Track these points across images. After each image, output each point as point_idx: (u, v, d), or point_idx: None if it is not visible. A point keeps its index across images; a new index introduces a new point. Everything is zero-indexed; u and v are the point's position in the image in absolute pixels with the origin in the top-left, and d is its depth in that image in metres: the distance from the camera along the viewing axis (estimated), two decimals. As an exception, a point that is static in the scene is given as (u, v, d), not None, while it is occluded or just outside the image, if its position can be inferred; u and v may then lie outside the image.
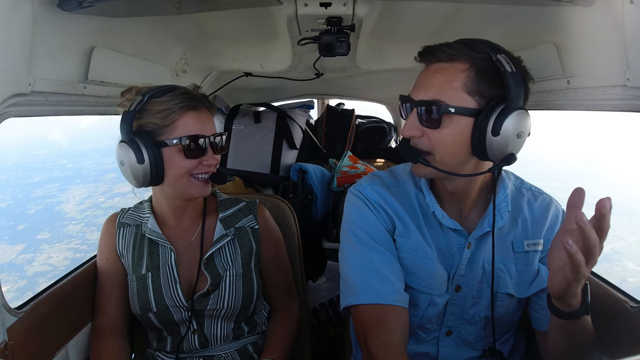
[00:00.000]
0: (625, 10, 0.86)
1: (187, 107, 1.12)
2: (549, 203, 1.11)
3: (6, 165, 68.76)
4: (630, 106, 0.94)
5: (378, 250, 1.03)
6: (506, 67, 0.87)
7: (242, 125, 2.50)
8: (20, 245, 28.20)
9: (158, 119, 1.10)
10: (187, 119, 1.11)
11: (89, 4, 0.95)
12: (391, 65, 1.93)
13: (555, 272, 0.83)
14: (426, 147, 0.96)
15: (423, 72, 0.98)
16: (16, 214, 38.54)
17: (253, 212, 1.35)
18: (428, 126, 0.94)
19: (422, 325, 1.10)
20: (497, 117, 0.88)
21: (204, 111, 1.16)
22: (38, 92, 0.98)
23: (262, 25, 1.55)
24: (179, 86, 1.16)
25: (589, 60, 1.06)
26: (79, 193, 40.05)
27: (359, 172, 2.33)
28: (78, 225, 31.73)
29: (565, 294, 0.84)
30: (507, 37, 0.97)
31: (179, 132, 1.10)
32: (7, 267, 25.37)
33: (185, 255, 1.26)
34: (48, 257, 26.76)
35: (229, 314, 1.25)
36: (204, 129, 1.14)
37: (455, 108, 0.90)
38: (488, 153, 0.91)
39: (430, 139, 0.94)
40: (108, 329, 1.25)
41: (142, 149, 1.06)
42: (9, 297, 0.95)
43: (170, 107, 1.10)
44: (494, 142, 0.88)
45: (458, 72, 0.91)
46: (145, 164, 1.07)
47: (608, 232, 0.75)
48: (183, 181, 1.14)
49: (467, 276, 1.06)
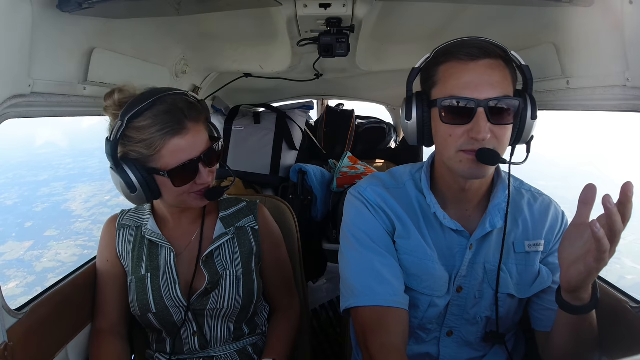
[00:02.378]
0: (624, 11, 0.86)
1: (170, 134, 1.03)
2: (549, 204, 1.11)
3: (11, 164, 68.91)
4: (630, 106, 0.94)
5: (378, 252, 1.03)
6: (520, 60, 0.93)
7: (242, 126, 2.51)
8: (28, 242, 28.28)
9: (142, 149, 1.04)
10: (172, 146, 1.04)
11: (88, 5, 0.95)
12: (391, 66, 1.93)
13: (570, 265, 0.83)
14: (493, 146, 0.92)
15: (472, 70, 0.90)
16: (23, 211, 38.58)
17: (253, 212, 1.35)
18: (498, 123, 0.91)
19: (422, 326, 1.10)
20: (532, 103, 0.95)
21: (190, 130, 1.06)
22: (38, 93, 0.98)
23: (262, 26, 1.55)
24: (161, 94, 1.05)
25: (589, 61, 1.06)
26: (85, 191, 40.11)
27: (359, 173, 2.32)
28: (85, 223, 31.77)
29: (583, 285, 0.83)
30: (506, 38, 0.98)
31: (166, 162, 1.04)
32: (16, 263, 25.52)
33: (185, 255, 1.25)
34: (56, 254, 26.87)
35: (229, 314, 1.25)
36: (192, 150, 1.06)
37: (519, 101, 0.92)
38: (526, 137, 0.98)
39: (497, 136, 0.92)
40: (108, 330, 1.24)
41: (131, 178, 1.03)
42: (18, 292, 0.95)
43: (151, 136, 1.02)
44: (532, 126, 0.96)
45: (503, 68, 0.93)
46: (138, 192, 1.05)
47: (629, 221, 0.76)
48: (181, 198, 1.13)
49: (468, 277, 1.05)
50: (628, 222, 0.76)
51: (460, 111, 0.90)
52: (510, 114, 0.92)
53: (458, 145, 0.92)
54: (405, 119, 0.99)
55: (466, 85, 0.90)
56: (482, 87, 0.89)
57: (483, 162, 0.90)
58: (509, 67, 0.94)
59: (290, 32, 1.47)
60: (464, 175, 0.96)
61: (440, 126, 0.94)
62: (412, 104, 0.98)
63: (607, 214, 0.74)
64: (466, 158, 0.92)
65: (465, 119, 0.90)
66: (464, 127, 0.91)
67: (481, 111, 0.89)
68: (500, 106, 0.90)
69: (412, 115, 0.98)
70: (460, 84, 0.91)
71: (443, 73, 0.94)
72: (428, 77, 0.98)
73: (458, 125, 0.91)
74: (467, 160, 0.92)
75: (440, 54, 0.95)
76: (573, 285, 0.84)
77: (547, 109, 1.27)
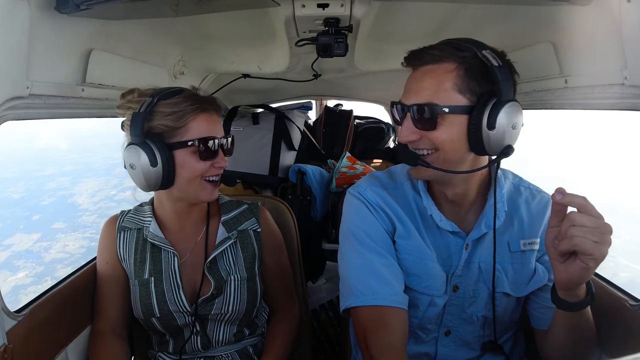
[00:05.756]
0: (622, 9, 0.86)
1: (200, 109, 1.11)
2: (547, 202, 1.10)
3: (17, 158, 68.94)
4: (628, 104, 0.95)
5: (377, 252, 1.03)
6: (493, 61, 0.88)
7: (241, 126, 2.50)
8: (36, 234, 28.79)
9: (170, 121, 1.08)
10: (200, 121, 1.11)
11: (86, 7, 0.94)
12: (389, 65, 1.93)
13: (565, 262, 0.81)
14: (430, 146, 0.95)
15: (412, 77, 0.98)
16: (30, 205, 38.98)
17: (255, 215, 1.34)
18: (423, 128, 0.94)
19: (422, 326, 1.10)
20: (490, 111, 0.88)
21: (214, 113, 1.16)
22: (36, 95, 0.98)
23: (260, 27, 1.55)
24: (185, 88, 1.16)
25: (586, 59, 1.06)
26: (91, 186, 40.49)
27: (358, 173, 2.33)
28: (92, 216, 32.22)
29: (581, 282, 0.83)
30: (504, 37, 0.98)
31: (192, 134, 1.09)
32: (24, 254, 26.10)
33: (188, 260, 1.24)
34: (64, 246, 27.43)
35: (233, 319, 1.25)
36: (215, 130, 1.14)
37: (449, 107, 0.91)
38: (486, 147, 0.91)
39: (431, 139, 0.95)
40: (108, 332, 1.24)
41: (155, 152, 1.04)
42: (28, 282, 0.95)
43: (182, 108, 1.09)
44: (490, 136, 0.89)
45: (447, 73, 0.92)
46: (157, 167, 1.05)
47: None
48: (195, 184, 1.13)
49: (464, 276, 1.06)
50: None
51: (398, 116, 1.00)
52: (435, 120, 0.92)
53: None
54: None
55: (404, 91, 0.99)
56: (408, 93, 0.97)
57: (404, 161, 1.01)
58: (468, 70, 0.91)
59: (288, 32, 1.48)
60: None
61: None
62: None
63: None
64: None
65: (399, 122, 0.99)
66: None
67: (408, 115, 0.95)
68: (420, 111, 0.93)
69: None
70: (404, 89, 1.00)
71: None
72: None
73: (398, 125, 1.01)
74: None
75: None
76: (575, 280, 0.82)
77: (545, 108, 1.27)
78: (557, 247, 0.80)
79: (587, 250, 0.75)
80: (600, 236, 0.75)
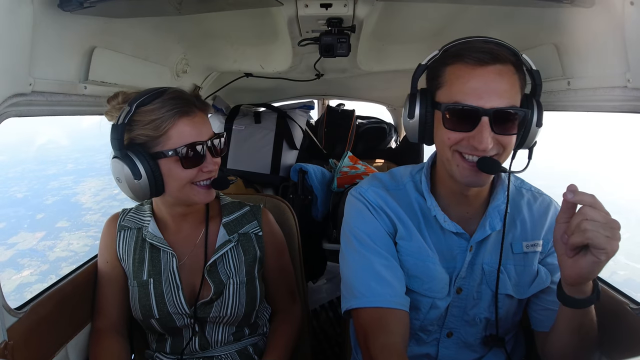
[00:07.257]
0: (625, 12, 0.86)
1: (179, 114, 1.05)
2: (549, 204, 1.11)
3: (20, 157, 69.30)
4: (631, 107, 0.94)
5: (379, 254, 1.03)
6: (531, 65, 0.92)
7: (243, 125, 2.51)
8: (40, 233, 29.12)
9: (150, 130, 1.04)
10: (181, 127, 1.05)
11: (89, 5, 0.95)
12: (391, 66, 1.93)
13: (575, 256, 0.81)
14: (498, 149, 0.92)
15: (479, 76, 0.88)
16: (34, 204, 39.33)
17: (257, 218, 1.32)
18: (502, 133, 0.89)
19: (423, 328, 1.09)
20: (539, 110, 0.94)
21: (198, 114, 1.09)
22: (38, 92, 0.98)
23: (263, 26, 1.55)
24: (169, 88, 1.09)
25: (590, 62, 1.06)
26: (94, 185, 40.74)
27: (359, 173, 2.32)
28: (96, 215, 32.50)
29: (590, 277, 0.83)
30: (507, 38, 0.97)
31: (174, 142, 1.04)
32: (28, 252, 26.36)
33: (187, 261, 1.23)
34: (68, 244, 27.72)
35: (232, 321, 1.25)
36: (200, 134, 1.08)
37: (525, 112, 0.91)
38: (529, 143, 0.97)
39: (502, 145, 0.91)
40: (108, 329, 1.24)
41: (137, 164, 1.01)
42: (33, 280, 0.95)
43: (160, 115, 1.03)
44: (536, 133, 0.95)
45: (513, 74, 0.90)
46: (142, 179, 1.02)
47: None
48: (185, 190, 1.10)
49: (467, 278, 1.05)
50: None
51: (464, 119, 0.89)
52: (515, 124, 0.90)
53: (456, 147, 0.93)
54: (407, 117, 0.98)
55: (472, 92, 0.87)
56: (488, 95, 0.86)
57: (483, 170, 0.90)
58: (519, 72, 0.91)
59: (291, 32, 1.47)
60: (462, 183, 0.96)
61: (441, 129, 0.93)
62: (415, 102, 0.97)
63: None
64: (463, 165, 0.92)
65: (468, 127, 0.89)
66: (466, 134, 0.90)
67: (485, 120, 0.87)
68: (505, 116, 0.88)
69: (414, 113, 0.97)
70: (465, 89, 0.88)
71: (449, 75, 0.92)
72: (434, 77, 0.96)
73: (460, 132, 0.90)
74: (465, 167, 0.92)
75: (448, 55, 0.93)
76: (585, 275, 0.82)
77: (548, 110, 1.26)
78: (567, 242, 0.80)
79: (600, 243, 0.75)
80: (611, 231, 0.75)
